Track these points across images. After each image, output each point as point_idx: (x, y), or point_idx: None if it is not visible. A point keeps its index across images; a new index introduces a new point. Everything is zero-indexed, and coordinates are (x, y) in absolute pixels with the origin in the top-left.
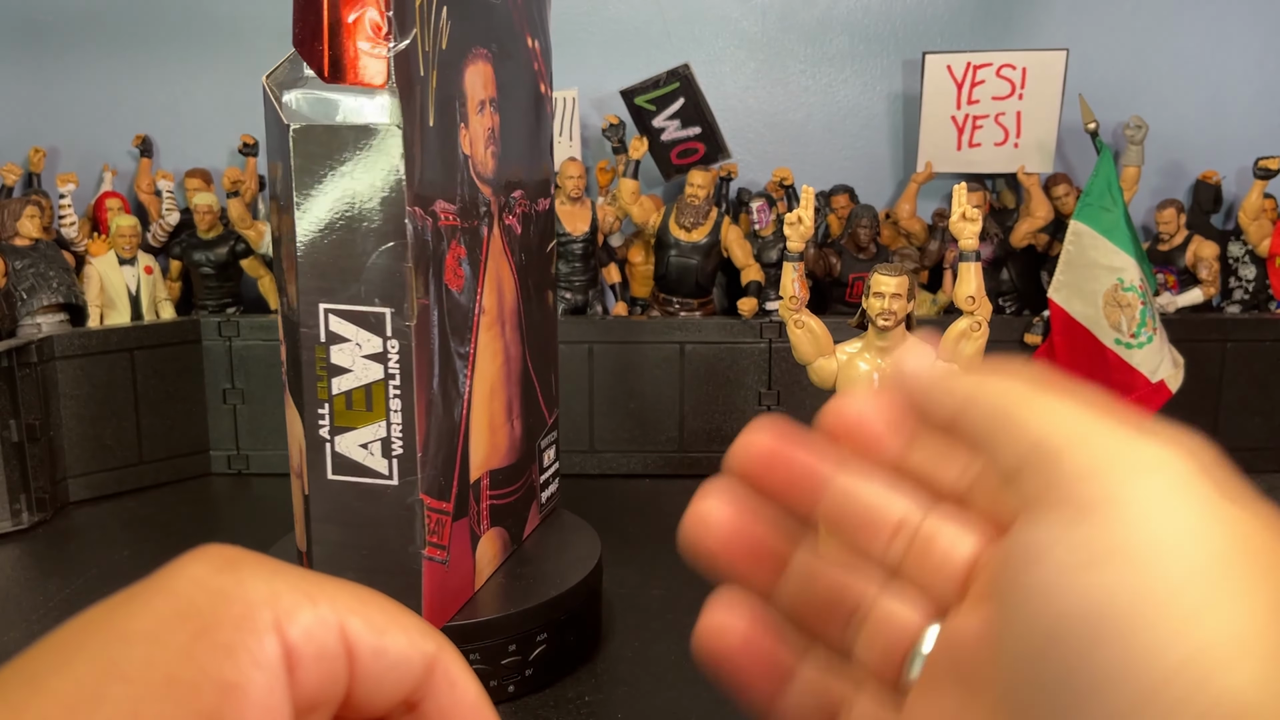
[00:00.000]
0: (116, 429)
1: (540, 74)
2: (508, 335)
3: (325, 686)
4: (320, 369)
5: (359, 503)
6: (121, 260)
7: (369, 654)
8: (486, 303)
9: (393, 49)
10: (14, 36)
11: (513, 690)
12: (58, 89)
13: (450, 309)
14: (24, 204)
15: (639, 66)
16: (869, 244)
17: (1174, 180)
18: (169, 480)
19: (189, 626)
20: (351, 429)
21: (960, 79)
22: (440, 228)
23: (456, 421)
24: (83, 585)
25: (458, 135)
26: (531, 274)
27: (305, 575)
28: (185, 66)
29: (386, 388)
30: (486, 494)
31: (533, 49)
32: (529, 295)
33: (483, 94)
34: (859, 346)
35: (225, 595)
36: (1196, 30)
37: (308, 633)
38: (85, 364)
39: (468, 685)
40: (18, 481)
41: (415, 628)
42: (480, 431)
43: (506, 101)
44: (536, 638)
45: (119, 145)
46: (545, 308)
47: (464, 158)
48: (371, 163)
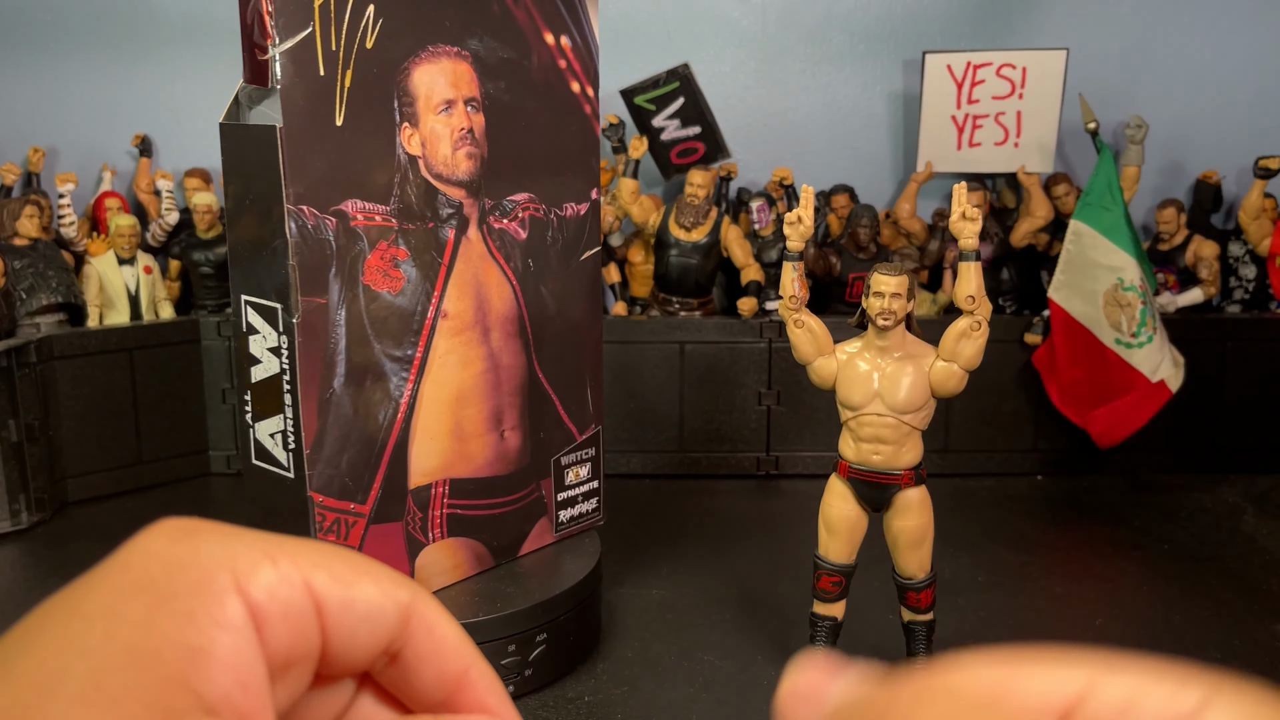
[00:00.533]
0: (116, 429)
1: (572, 72)
2: (496, 343)
3: (298, 642)
4: (244, 357)
5: (271, 490)
6: (121, 260)
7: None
8: (452, 307)
9: (275, 50)
10: (13, 36)
11: (512, 690)
12: (57, 88)
13: (376, 311)
14: (23, 204)
15: (638, 66)
16: (869, 243)
17: (1174, 180)
18: (168, 480)
19: (146, 597)
20: (264, 417)
21: (960, 78)
22: (354, 228)
23: (382, 425)
24: None
25: (396, 135)
26: (549, 281)
27: (264, 536)
28: (184, 66)
29: (282, 382)
30: (443, 502)
31: (558, 47)
32: (540, 302)
33: (452, 93)
34: (859, 346)
35: (181, 563)
36: (1197, 29)
37: (270, 591)
38: (84, 364)
39: (447, 629)
40: (17, 482)
41: (386, 577)
42: (437, 439)
43: (505, 102)
44: (536, 638)
45: (118, 145)
46: (580, 318)
47: (408, 158)
48: (265, 161)
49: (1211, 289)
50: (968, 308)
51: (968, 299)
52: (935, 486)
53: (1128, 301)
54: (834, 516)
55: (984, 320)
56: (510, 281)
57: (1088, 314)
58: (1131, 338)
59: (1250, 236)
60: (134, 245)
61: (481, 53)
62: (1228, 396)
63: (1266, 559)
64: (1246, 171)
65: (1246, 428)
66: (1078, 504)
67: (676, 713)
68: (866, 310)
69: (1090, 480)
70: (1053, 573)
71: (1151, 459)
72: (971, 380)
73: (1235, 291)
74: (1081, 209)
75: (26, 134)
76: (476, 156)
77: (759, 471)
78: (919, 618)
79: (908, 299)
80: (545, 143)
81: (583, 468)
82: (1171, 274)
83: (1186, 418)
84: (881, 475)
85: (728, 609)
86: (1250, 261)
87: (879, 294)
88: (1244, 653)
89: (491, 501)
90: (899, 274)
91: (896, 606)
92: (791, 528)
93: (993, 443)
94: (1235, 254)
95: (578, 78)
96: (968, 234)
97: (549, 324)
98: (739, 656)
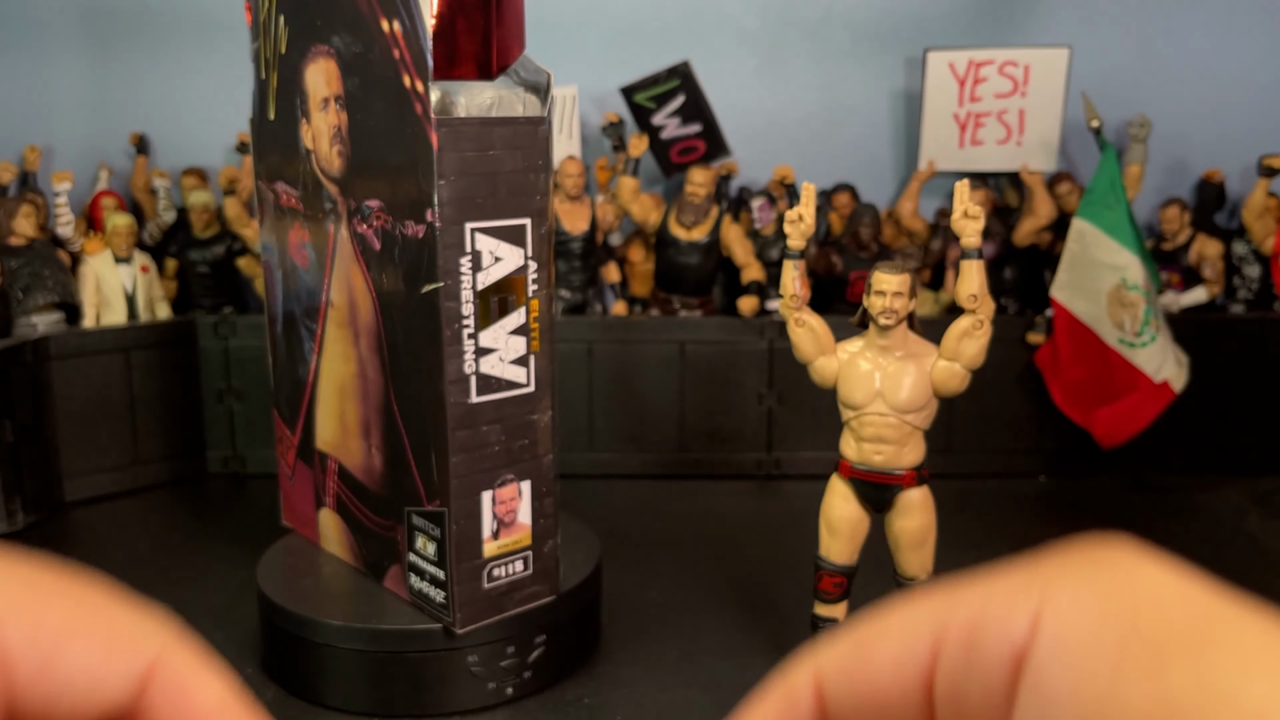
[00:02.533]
0: (112, 429)
1: (404, 64)
2: (364, 350)
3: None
4: None
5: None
6: (117, 259)
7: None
8: (335, 298)
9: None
10: (9, 35)
11: (511, 693)
12: (53, 87)
13: (296, 282)
14: (19, 203)
15: (639, 64)
16: (871, 242)
17: (1178, 178)
18: (165, 481)
19: None
20: None
21: (962, 76)
22: (283, 206)
23: (301, 378)
24: None
25: (298, 129)
26: (399, 305)
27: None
28: (181, 65)
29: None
30: (335, 478)
31: (391, 34)
32: (393, 326)
33: (326, 90)
34: (860, 345)
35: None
36: (1200, 28)
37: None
38: (81, 364)
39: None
40: (12, 482)
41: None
42: (328, 414)
43: (360, 99)
44: (535, 640)
45: (115, 144)
46: (429, 367)
47: (306, 151)
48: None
49: (1215, 288)
50: (970, 306)
51: (970, 298)
52: (937, 487)
53: (1131, 301)
54: (835, 517)
55: (986, 319)
56: (370, 291)
57: (1091, 313)
58: (1135, 337)
59: (1254, 235)
60: (130, 244)
61: (341, 48)
62: (1231, 396)
63: (1270, 560)
64: (1250, 170)
65: (1250, 428)
66: (1081, 504)
67: (676, 714)
68: (868, 309)
69: (1093, 481)
70: None
71: (1154, 459)
72: (974, 380)
73: (1239, 291)
74: (1084, 208)
75: (22, 133)
76: (345, 155)
77: (759, 472)
78: None
79: (909, 298)
80: (389, 145)
81: (430, 545)
82: (1175, 273)
83: (1190, 418)
84: (883, 475)
85: (728, 609)
86: (1254, 261)
87: (880, 293)
88: None
89: (364, 509)
90: (901, 273)
91: None
92: (792, 528)
93: (995, 443)
94: (1239, 253)
95: (409, 70)
96: (970, 232)
97: (401, 356)
98: (739, 657)
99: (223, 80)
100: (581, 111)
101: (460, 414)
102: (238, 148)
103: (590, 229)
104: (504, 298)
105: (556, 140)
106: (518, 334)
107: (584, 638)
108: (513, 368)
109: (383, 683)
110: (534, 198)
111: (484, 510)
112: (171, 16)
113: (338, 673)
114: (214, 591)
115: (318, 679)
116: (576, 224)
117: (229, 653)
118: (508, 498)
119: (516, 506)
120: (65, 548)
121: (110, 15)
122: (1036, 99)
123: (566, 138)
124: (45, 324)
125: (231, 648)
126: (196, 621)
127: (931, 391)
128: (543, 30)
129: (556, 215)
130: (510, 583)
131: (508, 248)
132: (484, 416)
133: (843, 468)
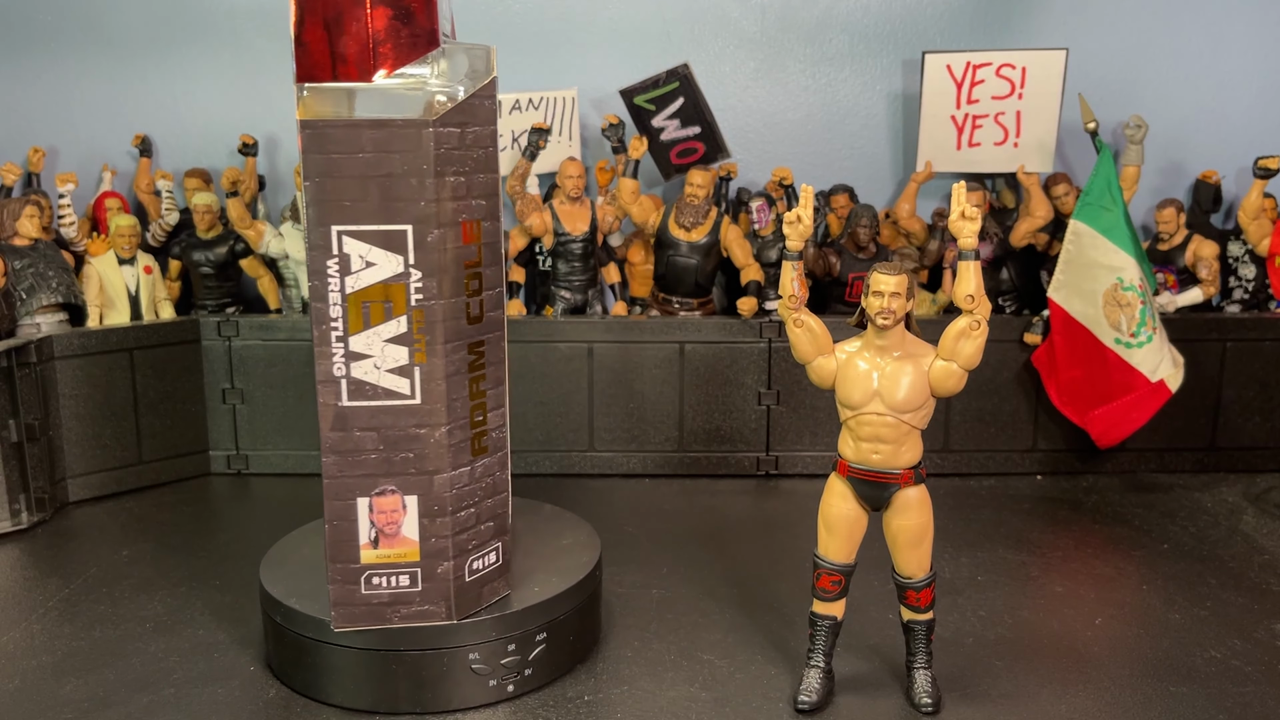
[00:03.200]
0: (116, 429)
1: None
2: None
3: None
4: None
5: None
6: (121, 260)
7: None
8: None
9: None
10: (14, 37)
11: (512, 690)
12: (57, 89)
13: None
14: (23, 204)
15: (638, 66)
16: (869, 243)
17: (1174, 180)
18: (168, 480)
19: None
20: None
21: (960, 78)
22: None
23: None
24: (82, 585)
25: None
26: None
27: None
28: (185, 67)
29: None
30: None
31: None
32: None
33: None
34: (858, 345)
35: None
36: (1196, 30)
37: None
38: (85, 364)
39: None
40: (17, 482)
41: None
42: None
43: None
44: (536, 637)
45: (118, 145)
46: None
47: None
48: None
49: (1211, 289)
50: (967, 307)
51: (967, 298)
52: (935, 486)
53: (1127, 301)
54: (833, 516)
55: (983, 319)
56: None
57: (1087, 314)
58: (1131, 337)
59: (1250, 236)
60: (134, 245)
61: None
62: (1227, 396)
63: (1266, 558)
64: (1246, 171)
65: (1246, 427)
66: (1077, 504)
67: (676, 712)
68: (866, 310)
69: (1090, 480)
70: (1052, 572)
71: (1151, 459)
72: (971, 380)
73: (1235, 291)
74: (1081, 209)
75: (27, 134)
76: None
77: (758, 471)
78: (918, 617)
79: (907, 298)
80: None
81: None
82: (1171, 274)
83: (1186, 417)
84: (881, 474)
85: (727, 609)
86: (1250, 261)
87: (878, 293)
88: (1244, 652)
89: None
90: (898, 273)
91: (896, 606)
92: (791, 527)
93: (992, 442)
94: (1235, 254)
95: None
96: (967, 233)
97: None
98: (739, 656)
99: (226, 82)
100: (581, 113)
101: (331, 415)
102: (240, 149)
103: (590, 230)
104: (377, 304)
105: (556, 142)
106: (397, 343)
107: (584, 636)
108: (391, 376)
109: (385, 680)
110: (417, 203)
111: (359, 515)
112: (174, 19)
113: (341, 670)
114: (217, 590)
115: (321, 677)
116: (577, 225)
117: (233, 651)
118: (388, 508)
119: (399, 519)
120: (69, 547)
121: (114, 18)
122: (1033, 101)
123: (566, 140)
124: (49, 324)
125: (235, 646)
126: (200, 620)
127: (929, 391)
128: (543, 33)
129: (557, 216)
130: (394, 595)
131: (381, 253)
132: (357, 422)
133: (841, 467)
